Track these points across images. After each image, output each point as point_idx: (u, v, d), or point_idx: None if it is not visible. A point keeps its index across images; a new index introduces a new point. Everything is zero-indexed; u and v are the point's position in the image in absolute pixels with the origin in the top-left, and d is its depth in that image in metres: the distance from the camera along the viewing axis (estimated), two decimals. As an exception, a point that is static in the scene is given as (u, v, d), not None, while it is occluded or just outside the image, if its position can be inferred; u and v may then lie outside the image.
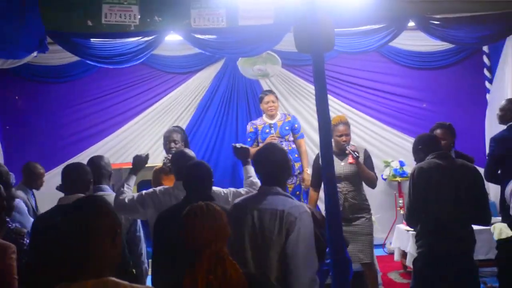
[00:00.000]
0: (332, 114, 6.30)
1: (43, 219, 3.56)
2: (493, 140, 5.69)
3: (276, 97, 6.59)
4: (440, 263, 3.96)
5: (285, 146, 6.18)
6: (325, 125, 3.58)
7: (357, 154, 5.14)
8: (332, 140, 5.34)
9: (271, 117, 6.50)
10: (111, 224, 2.01)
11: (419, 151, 4.24)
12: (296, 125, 6.61)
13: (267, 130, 6.45)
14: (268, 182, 3.13)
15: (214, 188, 4.16)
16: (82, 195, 3.50)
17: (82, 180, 3.65)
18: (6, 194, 3.70)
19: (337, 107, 7.62)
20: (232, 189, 4.29)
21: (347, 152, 5.22)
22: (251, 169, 4.44)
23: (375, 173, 5.30)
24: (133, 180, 4.28)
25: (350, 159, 5.21)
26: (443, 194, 3.96)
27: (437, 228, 3.98)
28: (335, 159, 5.25)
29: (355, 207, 5.25)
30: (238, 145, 4.56)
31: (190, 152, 4.30)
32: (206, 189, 3.57)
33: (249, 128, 6.66)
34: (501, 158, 5.51)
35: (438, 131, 5.13)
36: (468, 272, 3.98)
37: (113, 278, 1.92)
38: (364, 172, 5.18)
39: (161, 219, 3.54)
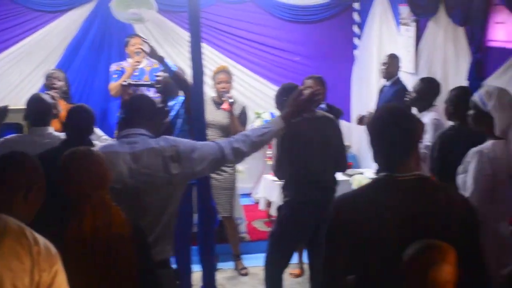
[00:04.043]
0: (208, 64, 6.31)
1: None
2: None
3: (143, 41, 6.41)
4: (303, 210, 4.14)
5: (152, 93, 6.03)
6: (198, 73, 3.59)
7: (232, 101, 5.21)
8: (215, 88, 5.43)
9: (138, 61, 6.31)
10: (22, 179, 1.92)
11: (283, 102, 4.32)
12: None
13: (136, 74, 6.28)
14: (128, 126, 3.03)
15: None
16: None
17: None
18: None
19: (212, 57, 7.60)
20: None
21: (223, 98, 5.29)
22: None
23: (245, 130, 5.40)
24: None
25: (224, 105, 5.29)
26: (309, 145, 4.10)
27: (303, 177, 4.14)
28: (213, 107, 5.33)
29: None
30: None
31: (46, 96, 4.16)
32: (87, 133, 3.47)
33: (115, 67, 6.43)
34: None
35: (309, 81, 5.29)
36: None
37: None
38: (233, 123, 5.26)
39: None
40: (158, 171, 2.85)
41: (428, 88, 4.92)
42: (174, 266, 4.36)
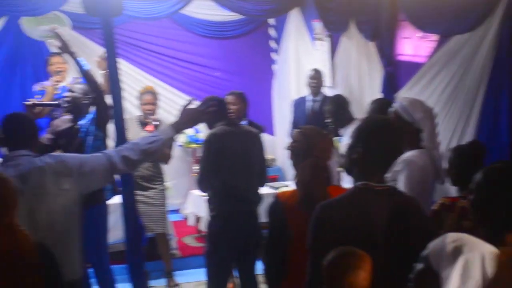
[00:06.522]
0: (128, 81, 6.25)
1: None
2: None
3: (64, 60, 6.26)
4: (231, 224, 4.15)
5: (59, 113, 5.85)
6: (116, 89, 3.54)
7: (157, 123, 5.23)
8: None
9: (59, 80, 6.18)
10: None
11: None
12: None
13: (58, 92, 6.11)
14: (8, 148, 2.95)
15: None
16: None
17: None
18: None
19: (131, 73, 7.51)
20: None
21: (147, 120, 5.27)
22: None
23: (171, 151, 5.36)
24: None
25: (149, 127, 5.26)
26: (234, 159, 4.11)
27: (227, 191, 4.13)
28: (138, 128, 5.28)
29: (148, 177, 5.33)
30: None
31: None
32: None
33: (38, 87, 6.26)
34: None
35: (229, 97, 5.29)
36: (253, 230, 4.21)
37: None
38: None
39: None
40: (49, 188, 2.81)
41: (337, 106, 5.08)
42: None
